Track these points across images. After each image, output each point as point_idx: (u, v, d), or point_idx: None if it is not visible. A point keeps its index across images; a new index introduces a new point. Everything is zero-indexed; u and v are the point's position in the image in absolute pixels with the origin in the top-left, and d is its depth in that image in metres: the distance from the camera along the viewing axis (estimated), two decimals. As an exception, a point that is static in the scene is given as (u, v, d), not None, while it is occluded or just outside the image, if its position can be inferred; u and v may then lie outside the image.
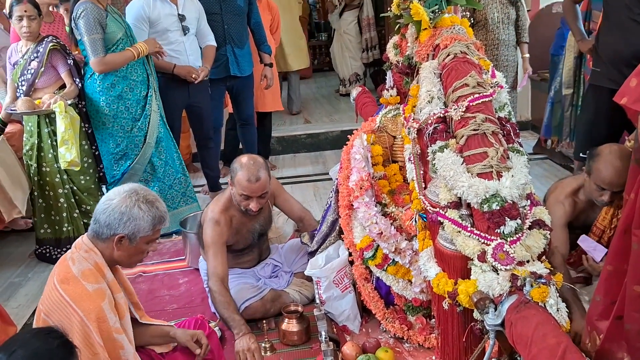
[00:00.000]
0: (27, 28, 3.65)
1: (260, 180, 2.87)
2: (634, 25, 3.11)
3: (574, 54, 4.54)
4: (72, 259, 2.04)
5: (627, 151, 2.67)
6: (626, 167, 2.57)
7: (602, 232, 2.74)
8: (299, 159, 6.06)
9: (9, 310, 3.09)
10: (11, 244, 4.22)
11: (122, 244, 2.06)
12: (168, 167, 4.14)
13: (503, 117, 2.22)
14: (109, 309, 1.99)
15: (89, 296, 1.97)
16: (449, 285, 2.07)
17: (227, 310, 2.75)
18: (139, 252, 2.13)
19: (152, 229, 2.09)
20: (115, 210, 2.04)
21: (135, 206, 2.04)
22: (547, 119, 5.06)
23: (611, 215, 2.70)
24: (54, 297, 1.98)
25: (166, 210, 2.16)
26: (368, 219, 2.64)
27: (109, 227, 2.04)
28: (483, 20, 4.43)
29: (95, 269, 2.04)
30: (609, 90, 3.25)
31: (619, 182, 2.57)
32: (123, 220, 2.03)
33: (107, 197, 2.09)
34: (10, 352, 1.59)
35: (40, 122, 3.71)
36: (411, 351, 2.70)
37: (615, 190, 2.60)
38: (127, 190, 2.09)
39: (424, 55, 2.44)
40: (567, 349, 1.57)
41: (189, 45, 4.23)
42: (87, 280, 2.00)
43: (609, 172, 2.59)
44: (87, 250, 2.07)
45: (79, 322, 1.93)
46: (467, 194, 1.97)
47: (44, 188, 3.80)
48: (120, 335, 2.01)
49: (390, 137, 2.89)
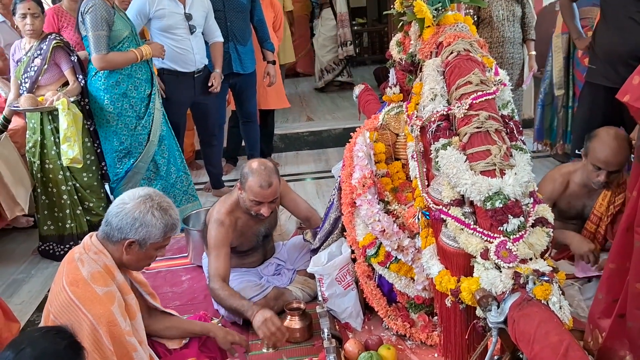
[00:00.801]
0: (30, 26, 3.66)
1: (272, 186, 2.87)
2: (631, 23, 3.13)
3: (563, 54, 4.55)
4: (81, 260, 2.03)
5: (624, 133, 2.69)
6: (622, 147, 2.62)
7: (599, 219, 2.76)
8: (302, 156, 6.05)
9: (12, 306, 3.09)
10: (14, 240, 4.23)
11: (132, 248, 2.06)
12: (170, 166, 4.14)
13: (506, 114, 2.22)
14: (118, 312, 1.99)
15: (99, 300, 1.96)
16: (451, 282, 2.08)
17: (233, 299, 2.72)
18: (148, 257, 2.13)
19: (163, 236, 2.08)
20: (128, 215, 2.03)
21: (149, 213, 2.04)
22: (539, 121, 5.06)
23: (607, 202, 2.72)
24: (63, 299, 1.97)
25: (179, 217, 2.15)
26: (371, 216, 2.64)
27: (121, 231, 2.04)
28: (488, 18, 4.42)
29: (104, 272, 2.04)
30: (604, 88, 3.26)
31: (615, 160, 2.62)
32: (135, 225, 2.03)
33: (121, 200, 2.08)
34: (19, 350, 1.59)
35: (43, 119, 3.72)
36: (413, 349, 2.70)
37: (611, 170, 2.64)
38: (142, 195, 2.08)
39: (427, 52, 2.44)
40: (570, 347, 1.57)
41: (195, 43, 4.23)
42: (97, 284, 1.99)
43: (605, 151, 2.64)
44: (97, 252, 2.06)
45: (89, 327, 1.92)
46: (470, 191, 1.97)
47: (47, 185, 3.81)
48: (132, 338, 2.01)
49: (393, 135, 2.89)
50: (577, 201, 2.87)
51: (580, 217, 2.88)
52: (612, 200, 2.72)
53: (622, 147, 2.65)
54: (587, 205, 2.84)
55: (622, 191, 2.71)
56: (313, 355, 2.69)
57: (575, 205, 2.88)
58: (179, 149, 4.26)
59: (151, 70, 3.97)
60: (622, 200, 2.68)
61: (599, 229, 2.76)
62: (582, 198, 2.85)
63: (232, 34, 4.61)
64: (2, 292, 3.52)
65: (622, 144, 2.65)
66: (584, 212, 2.86)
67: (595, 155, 2.67)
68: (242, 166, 2.99)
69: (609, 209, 2.73)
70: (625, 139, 2.67)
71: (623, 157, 2.65)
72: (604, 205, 2.74)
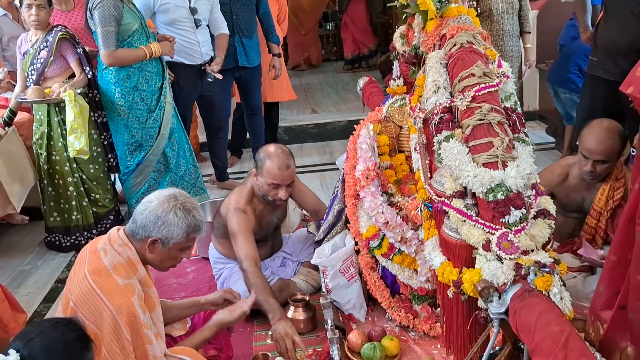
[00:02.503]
0: (35, 17, 3.66)
1: (290, 168, 2.92)
2: (630, 17, 3.13)
3: None
4: (104, 251, 2.07)
5: (616, 125, 2.69)
6: (608, 138, 2.62)
7: (599, 214, 2.77)
8: (306, 148, 6.06)
9: (19, 297, 3.12)
10: (20, 232, 4.26)
11: (155, 247, 2.10)
12: (180, 158, 4.16)
13: (509, 107, 2.22)
14: (138, 304, 2.02)
15: (120, 291, 1.99)
16: (453, 274, 2.09)
17: (261, 293, 2.68)
18: (172, 257, 2.16)
19: (186, 237, 2.11)
20: (152, 213, 2.07)
21: (172, 212, 2.07)
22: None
23: (606, 197, 2.72)
24: (84, 288, 2.00)
25: (203, 219, 2.17)
26: (374, 208, 2.65)
27: (144, 229, 2.07)
28: (488, 11, 4.42)
29: (127, 264, 2.07)
30: (605, 81, 3.26)
31: (597, 149, 2.63)
32: (158, 224, 2.06)
33: (147, 199, 2.13)
34: (28, 339, 1.62)
35: (50, 110, 3.74)
36: (416, 340, 2.71)
37: (596, 159, 2.65)
38: (167, 194, 2.12)
39: (431, 45, 2.45)
40: (570, 337, 1.58)
41: (200, 36, 4.23)
42: (119, 275, 2.03)
43: (590, 139, 2.66)
44: (122, 244, 2.10)
45: (109, 316, 1.95)
46: (473, 183, 1.98)
47: (54, 176, 3.83)
48: (149, 330, 2.04)
49: (396, 127, 2.90)
50: (575, 194, 2.88)
51: (580, 210, 2.89)
52: (610, 194, 2.72)
53: (609, 137, 2.63)
54: (586, 198, 2.84)
55: (621, 186, 2.70)
56: (316, 345, 2.71)
57: (574, 198, 2.89)
58: (188, 141, 4.28)
59: (162, 64, 3.98)
60: (621, 195, 2.68)
61: (600, 223, 2.77)
62: (580, 191, 2.86)
63: (237, 27, 4.61)
64: (8, 283, 3.55)
65: (609, 134, 2.64)
66: (583, 205, 2.87)
67: (582, 143, 2.70)
68: (258, 152, 3.02)
69: (608, 203, 2.73)
70: (615, 131, 2.65)
71: (608, 148, 2.63)
72: (603, 200, 2.74)
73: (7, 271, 3.72)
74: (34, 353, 1.60)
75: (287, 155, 2.94)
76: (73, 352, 1.66)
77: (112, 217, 4.06)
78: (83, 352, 1.69)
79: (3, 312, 2.64)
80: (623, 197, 2.68)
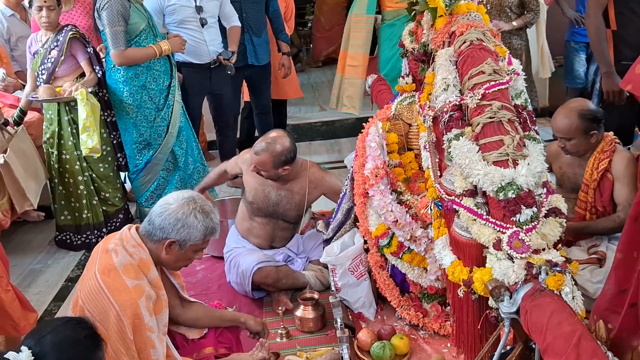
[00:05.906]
0: (46, 18, 3.69)
1: (259, 156, 3.03)
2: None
3: None
4: (115, 251, 2.08)
5: (578, 105, 2.80)
6: (566, 116, 2.75)
7: (587, 187, 2.83)
8: (314, 146, 6.05)
9: (30, 296, 3.14)
10: (31, 231, 4.28)
11: (172, 248, 2.11)
12: (188, 157, 4.17)
13: (519, 104, 2.21)
14: (144, 307, 2.02)
15: (127, 291, 2.00)
16: (464, 273, 2.08)
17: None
18: (186, 258, 2.18)
19: (203, 239, 2.14)
20: (171, 216, 2.09)
21: (192, 215, 2.09)
22: None
23: (591, 169, 2.80)
24: (93, 286, 2.02)
25: (219, 222, 2.20)
26: (383, 206, 2.64)
27: (163, 231, 2.09)
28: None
29: (138, 265, 2.08)
30: None
31: (558, 128, 2.79)
32: (177, 226, 2.08)
33: (165, 201, 2.14)
34: (40, 337, 1.64)
35: (61, 110, 3.75)
36: (426, 338, 2.70)
37: (561, 137, 2.79)
38: (186, 197, 2.14)
39: (440, 42, 2.43)
40: (582, 337, 1.57)
41: (207, 35, 4.23)
42: (128, 275, 2.03)
43: (554, 119, 2.82)
44: (135, 245, 2.10)
45: (114, 316, 1.97)
46: (483, 182, 1.97)
47: (64, 175, 3.85)
48: (153, 334, 2.04)
49: (405, 125, 2.89)
50: (568, 169, 2.95)
51: (573, 189, 2.94)
52: (595, 165, 2.78)
53: (567, 115, 2.76)
54: (577, 173, 2.91)
55: (605, 157, 2.77)
56: (326, 344, 2.71)
57: (567, 173, 2.95)
58: (197, 140, 4.29)
59: (171, 62, 3.98)
60: (605, 166, 2.75)
61: (588, 197, 2.80)
62: (573, 166, 2.92)
63: (247, 25, 4.61)
64: (19, 282, 3.57)
65: (568, 113, 2.76)
66: (578, 183, 2.90)
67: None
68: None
69: (592, 175, 2.78)
70: (575, 110, 2.75)
71: (566, 126, 2.75)
72: (589, 172, 2.81)
73: (17, 270, 3.73)
74: (45, 350, 1.61)
75: (268, 143, 3.01)
76: (83, 350, 1.67)
77: (122, 216, 4.07)
78: (94, 351, 1.70)
79: (14, 311, 2.66)
80: (607, 169, 2.75)
